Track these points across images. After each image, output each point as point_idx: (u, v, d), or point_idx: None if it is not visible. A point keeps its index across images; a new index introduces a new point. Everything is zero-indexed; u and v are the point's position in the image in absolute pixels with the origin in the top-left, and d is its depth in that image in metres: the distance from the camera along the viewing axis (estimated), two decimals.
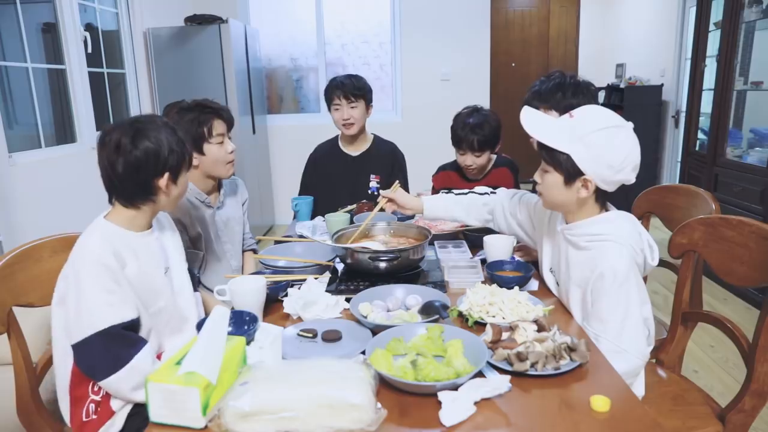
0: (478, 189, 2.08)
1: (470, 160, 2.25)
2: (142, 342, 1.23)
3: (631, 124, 1.25)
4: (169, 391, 0.94)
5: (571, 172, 1.25)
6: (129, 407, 1.27)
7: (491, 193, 1.78)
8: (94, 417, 1.26)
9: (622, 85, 5.57)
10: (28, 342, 1.30)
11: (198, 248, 1.87)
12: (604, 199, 1.32)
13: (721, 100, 3.67)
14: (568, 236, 1.34)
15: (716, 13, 3.87)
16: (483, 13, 5.08)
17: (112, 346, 1.18)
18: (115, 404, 1.26)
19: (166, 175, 1.27)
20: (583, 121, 1.24)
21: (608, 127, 1.22)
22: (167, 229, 1.46)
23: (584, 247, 1.30)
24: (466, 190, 1.81)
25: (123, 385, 1.20)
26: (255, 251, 2.13)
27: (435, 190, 2.57)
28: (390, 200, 1.72)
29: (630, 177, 1.25)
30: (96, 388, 1.26)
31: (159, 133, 1.25)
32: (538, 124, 1.31)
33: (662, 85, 5.25)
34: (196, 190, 1.83)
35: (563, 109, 1.72)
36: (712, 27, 3.96)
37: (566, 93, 1.70)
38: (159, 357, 1.31)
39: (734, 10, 3.53)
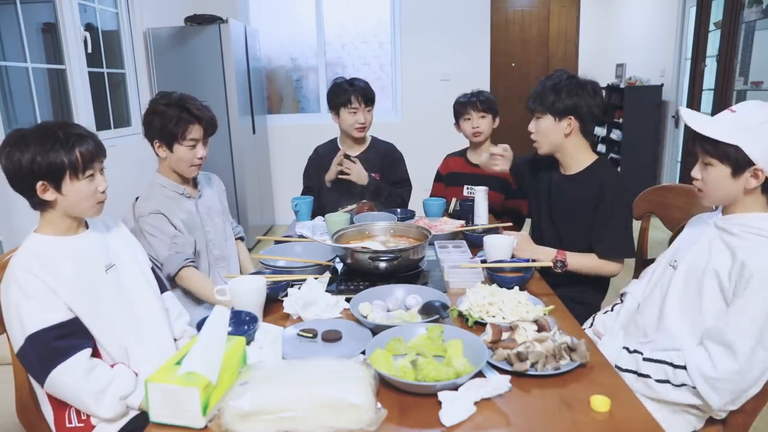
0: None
1: (476, 122, 2.40)
2: (71, 352, 1.18)
3: None
4: (169, 391, 0.94)
5: (740, 162, 1.24)
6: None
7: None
8: (80, 425, 1.25)
9: (622, 85, 5.57)
10: None
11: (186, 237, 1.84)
12: None
13: (721, 100, 3.67)
14: (721, 225, 1.31)
15: (716, 13, 3.88)
16: (483, 13, 5.08)
17: (39, 354, 1.16)
18: (94, 419, 1.25)
19: (41, 183, 1.21)
20: (747, 115, 1.25)
21: None
22: (114, 230, 1.44)
23: (736, 234, 1.27)
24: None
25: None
26: (242, 239, 2.19)
27: (440, 177, 2.61)
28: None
29: None
30: None
31: (29, 144, 1.19)
32: (700, 121, 1.30)
33: (662, 85, 5.25)
34: (172, 184, 1.82)
35: (558, 113, 1.72)
36: (712, 27, 3.96)
37: (560, 95, 1.71)
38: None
39: (734, 10, 3.54)
